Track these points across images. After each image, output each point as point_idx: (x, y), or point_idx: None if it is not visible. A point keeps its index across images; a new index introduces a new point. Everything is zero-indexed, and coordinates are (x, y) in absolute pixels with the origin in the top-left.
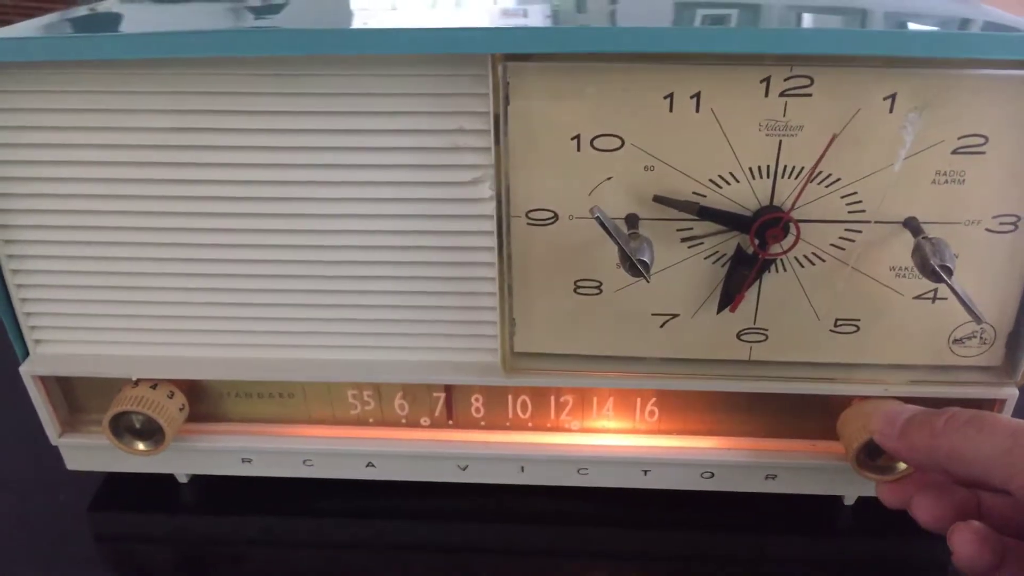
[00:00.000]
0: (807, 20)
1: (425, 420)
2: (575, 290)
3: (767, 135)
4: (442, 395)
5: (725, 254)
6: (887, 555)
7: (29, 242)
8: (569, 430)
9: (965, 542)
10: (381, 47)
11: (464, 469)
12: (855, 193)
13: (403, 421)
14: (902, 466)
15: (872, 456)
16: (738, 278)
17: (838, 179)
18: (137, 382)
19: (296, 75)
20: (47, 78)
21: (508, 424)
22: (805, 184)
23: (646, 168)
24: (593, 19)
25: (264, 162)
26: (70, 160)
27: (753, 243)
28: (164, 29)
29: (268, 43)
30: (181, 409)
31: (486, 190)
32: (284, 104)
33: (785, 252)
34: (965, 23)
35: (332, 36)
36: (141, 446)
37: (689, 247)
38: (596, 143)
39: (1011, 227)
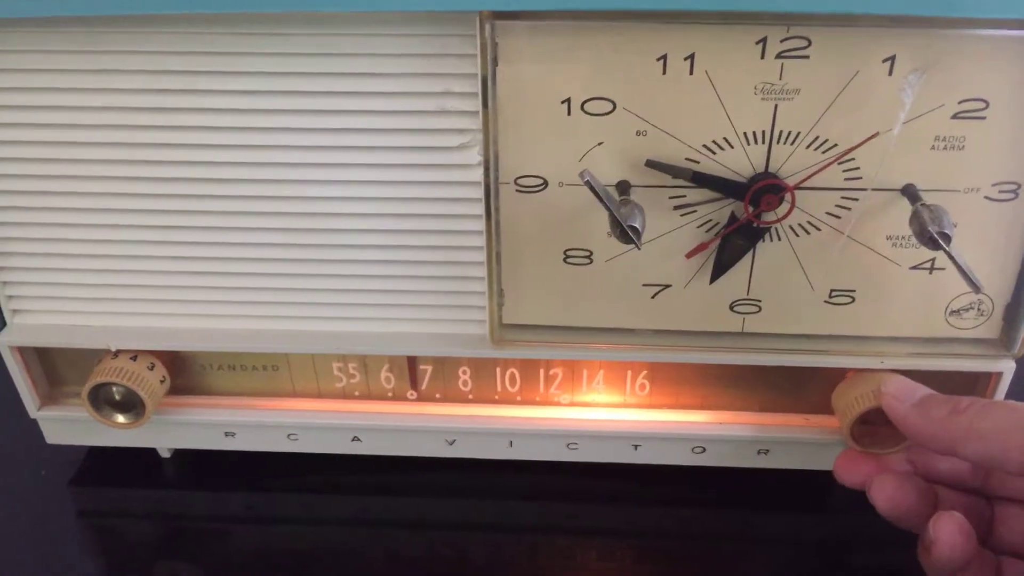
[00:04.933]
0: None
1: (411, 393)
2: (565, 260)
3: (763, 99)
4: (429, 368)
5: (719, 223)
6: (878, 533)
7: (5, 208)
8: (559, 404)
9: (953, 532)
10: (364, 3)
11: (451, 444)
12: (852, 159)
13: (389, 394)
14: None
15: (866, 430)
16: (732, 248)
17: (835, 145)
18: (117, 353)
19: (275, 34)
20: (15, 38)
21: (496, 398)
22: (828, 165)
23: (638, 133)
24: None
25: (243, 126)
26: (46, 123)
27: (747, 210)
28: None
29: None
30: (162, 381)
31: (474, 155)
32: (262, 65)
33: (779, 220)
34: None
35: None
36: (121, 419)
37: (682, 215)
38: (587, 107)
39: (1011, 195)
